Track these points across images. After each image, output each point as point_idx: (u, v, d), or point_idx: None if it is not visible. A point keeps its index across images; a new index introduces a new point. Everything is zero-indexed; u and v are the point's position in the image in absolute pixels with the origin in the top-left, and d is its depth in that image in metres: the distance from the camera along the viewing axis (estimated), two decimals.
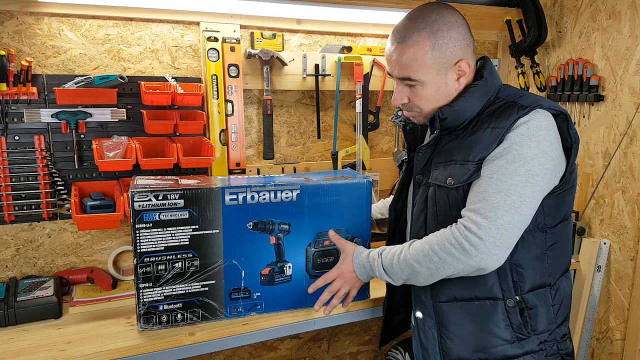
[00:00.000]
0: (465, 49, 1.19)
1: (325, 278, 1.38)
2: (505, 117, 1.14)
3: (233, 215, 1.31)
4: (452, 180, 1.18)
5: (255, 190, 1.32)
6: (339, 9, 1.90)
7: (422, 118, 1.28)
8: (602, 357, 2.10)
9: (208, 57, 1.85)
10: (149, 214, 1.24)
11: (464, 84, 1.22)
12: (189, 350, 1.40)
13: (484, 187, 1.11)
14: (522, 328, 1.18)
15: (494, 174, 1.11)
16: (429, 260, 1.14)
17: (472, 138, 1.17)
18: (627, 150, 1.94)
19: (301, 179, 1.42)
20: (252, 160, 2.07)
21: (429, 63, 1.17)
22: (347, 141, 2.26)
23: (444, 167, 1.21)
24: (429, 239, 1.17)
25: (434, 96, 1.21)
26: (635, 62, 1.89)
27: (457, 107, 1.19)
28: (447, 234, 1.13)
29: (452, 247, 1.11)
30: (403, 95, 1.24)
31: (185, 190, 1.26)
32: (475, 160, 1.15)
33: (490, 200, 1.09)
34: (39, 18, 1.66)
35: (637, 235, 1.92)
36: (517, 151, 1.10)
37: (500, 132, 1.13)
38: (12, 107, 1.64)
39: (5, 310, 1.44)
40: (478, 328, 1.20)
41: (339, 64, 2.09)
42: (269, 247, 1.38)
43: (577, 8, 2.11)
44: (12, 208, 1.68)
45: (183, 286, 1.31)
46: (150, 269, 1.27)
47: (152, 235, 1.25)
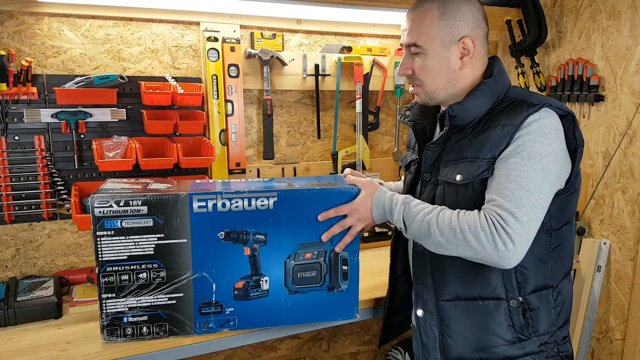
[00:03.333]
0: (473, 28, 1.20)
1: (337, 210, 1.27)
2: (515, 114, 1.14)
3: (202, 223, 1.21)
4: (462, 177, 1.17)
5: (227, 197, 1.21)
6: (339, 9, 1.90)
7: (423, 95, 1.26)
8: (602, 357, 2.10)
9: (208, 57, 1.85)
10: (110, 221, 1.16)
11: (469, 66, 1.22)
12: (189, 350, 1.40)
13: (504, 184, 1.10)
14: (524, 329, 1.18)
15: (512, 171, 1.10)
16: (453, 236, 1.11)
17: (483, 136, 1.17)
18: (627, 150, 1.94)
19: (283, 184, 1.31)
20: (252, 160, 2.07)
21: (434, 31, 1.18)
22: (347, 141, 2.26)
23: (454, 165, 1.20)
24: (461, 215, 1.13)
25: (436, 69, 1.21)
26: (635, 62, 1.89)
27: (466, 105, 1.19)
28: (481, 219, 1.09)
29: (482, 234, 1.07)
30: (408, 65, 1.24)
31: (149, 196, 1.17)
32: (487, 157, 1.14)
33: (514, 197, 1.08)
34: (39, 18, 1.66)
35: (637, 235, 1.92)
36: (532, 148, 1.09)
37: (511, 129, 1.12)
38: (12, 107, 1.64)
39: (5, 310, 1.44)
40: (480, 328, 1.20)
41: (339, 64, 2.09)
42: (243, 259, 1.26)
43: (577, 8, 2.11)
44: (12, 208, 1.68)
45: (148, 298, 1.23)
46: (113, 278, 1.20)
47: (114, 244, 1.18)
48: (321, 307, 1.33)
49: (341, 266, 1.32)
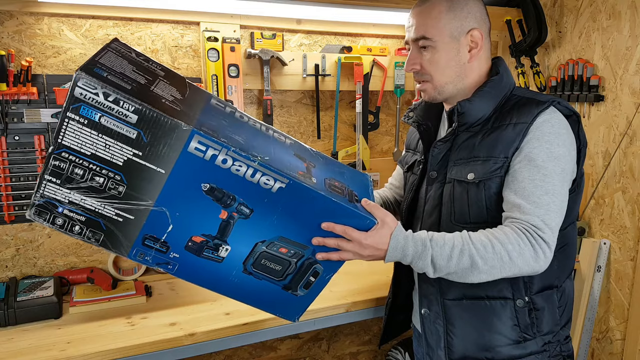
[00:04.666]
0: (480, 22, 1.21)
1: (348, 232, 1.09)
2: (526, 112, 1.14)
3: (190, 165, 1.03)
4: (474, 175, 1.17)
5: (233, 155, 1.01)
6: (339, 9, 1.90)
7: (432, 90, 1.24)
8: (602, 357, 2.10)
9: (208, 57, 1.85)
10: (88, 110, 0.97)
11: (477, 59, 1.22)
12: (189, 350, 1.40)
13: (529, 189, 1.09)
14: (529, 329, 1.18)
15: (535, 175, 1.09)
16: (499, 259, 1.05)
17: (495, 135, 1.17)
18: (627, 150, 1.94)
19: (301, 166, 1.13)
20: None
21: (443, 23, 1.18)
22: (347, 141, 2.26)
23: (465, 164, 1.20)
24: (496, 236, 1.07)
25: (445, 63, 1.20)
26: (635, 62, 1.89)
27: (475, 102, 1.19)
28: (519, 234, 1.06)
29: (526, 249, 1.05)
30: (416, 60, 1.22)
31: (146, 108, 0.96)
32: (500, 156, 1.14)
33: (542, 202, 1.08)
34: (39, 18, 1.66)
35: (637, 235, 1.92)
36: (549, 150, 1.10)
37: (523, 127, 1.13)
38: (12, 107, 1.64)
39: (5, 310, 1.44)
40: (485, 327, 1.20)
41: (339, 64, 2.09)
42: (214, 219, 1.12)
43: (577, 8, 2.11)
44: (12, 208, 1.68)
45: (95, 203, 1.06)
46: (66, 166, 1.02)
47: (82, 134, 0.99)
48: (267, 297, 1.23)
49: (309, 275, 1.20)
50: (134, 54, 1.10)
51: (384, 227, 1.11)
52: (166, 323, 1.47)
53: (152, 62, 1.12)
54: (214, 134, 1.00)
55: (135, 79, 1.01)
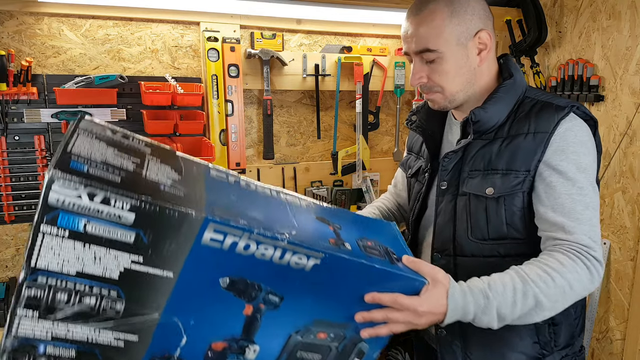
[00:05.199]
0: (485, 20, 1.12)
1: (398, 300, 0.92)
2: (545, 119, 1.07)
3: (205, 260, 0.82)
4: (493, 190, 1.09)
5: (256, 238, 0.81)
6: (339, 9, 1.90)
7: (443, 100, 1.16)
8: (602, 357, 2.10)
9: (208, 57, 1.85)
10: (69, 218, 0.73)
11: (487, 60, 1.14)
12: None
13: (568, 205, 1.03)
14: (548, 344, 1.15)
15: (571, 189, 1.04)
16: (561, 292, 0.98)
17: (513, 145, 1.09)
18: (627, 150, 1.93)
19: (330, 233, 0.93)
20: (252, 160, 2.07)
21: (448, 31, 1.08)
22: (347, 141, 2.26)
23: (482, 176, 1.12)
24: (552, 267, 0.98)
25: (456, 71, 1.12)
26: (635, 62, 1.89)
27: (489, 109, 1.12)
28: (573, 259, 1.00)
29: (584, 275, 1.00)
30: (422, 73, 1.13)
31: (145, 201, 0.74)
32: (521, 170, 1.07)
33: (584, 218, 1.03)
34: (39, 18, 1.66)
35: (637, 235, 1.92)
36: (577, 161, 1.04)
37: (544, 137, 1.06)
38: (12, 107, 1.64)
39: (5, 310, 1.44)
40: (506, 346, 1.14)
41: (339, 64, 2.09)
42: (237, 317, 0.91)
43: (577, 8, 2.11)
44: (12, 208, 1.68)
45: (87, 331, 0.82)
46: (43, 294, 0.77)
47: (62, 249, 0.75)
48: None
49: (353, 358, 1.01)
50: (109, 130, 0.87)
51: (437, 286, 0.95)
52: None
53: (131, 136, 0.89)
54: (229, 216, 0.80)
55: (121, 166, 0.79)
